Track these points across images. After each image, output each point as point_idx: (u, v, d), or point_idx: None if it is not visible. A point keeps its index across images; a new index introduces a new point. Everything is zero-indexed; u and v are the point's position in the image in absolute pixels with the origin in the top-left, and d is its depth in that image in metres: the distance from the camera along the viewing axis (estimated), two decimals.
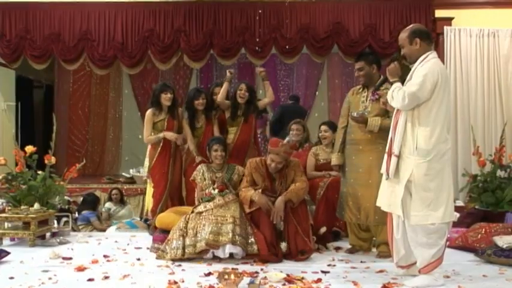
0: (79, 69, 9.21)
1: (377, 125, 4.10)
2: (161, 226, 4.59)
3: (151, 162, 5.13)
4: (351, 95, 4.45)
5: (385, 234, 4.16)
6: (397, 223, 3.49)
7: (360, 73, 4.26)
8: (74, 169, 5.63)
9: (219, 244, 4.03)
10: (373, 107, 4.18)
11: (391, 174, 3.40)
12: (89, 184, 7.74)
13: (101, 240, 5.03)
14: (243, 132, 5.21)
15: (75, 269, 3.85)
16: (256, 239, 4.10)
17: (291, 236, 4.18)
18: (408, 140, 3.35)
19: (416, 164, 3.31)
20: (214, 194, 4.40)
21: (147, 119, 5.10)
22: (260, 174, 4.43)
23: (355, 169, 4.27)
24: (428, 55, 3.43)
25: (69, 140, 10.41)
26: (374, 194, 4.03)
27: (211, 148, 4.58)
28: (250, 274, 3.62)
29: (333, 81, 10.52)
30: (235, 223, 4.09)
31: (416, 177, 3.30)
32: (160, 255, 4.19)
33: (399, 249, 3.53)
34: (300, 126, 5.48)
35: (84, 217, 6.25)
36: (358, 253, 4.39)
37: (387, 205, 3.53)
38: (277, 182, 4.41)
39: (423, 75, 3.31)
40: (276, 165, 4.33)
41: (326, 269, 3.83)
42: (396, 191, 3.40)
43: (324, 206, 4.84)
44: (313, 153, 5.22)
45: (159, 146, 5.10)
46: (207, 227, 4.09)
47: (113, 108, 10.73)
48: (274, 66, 10.57)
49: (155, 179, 5.15)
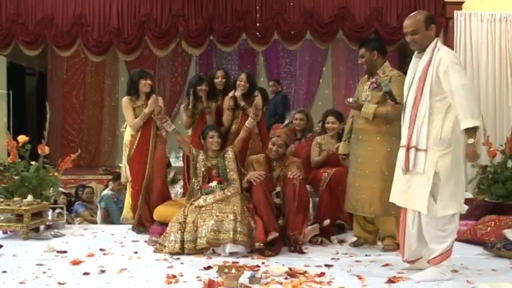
0: (73, 55, 9.20)
1: (370, 112, 4.08)
2: (159, 219, 4.61)
3: (131, 151, 5.01)
4: (358, 84, 4.49)
5: (388, 226, 4.19)
6: (413, 217, 3.48)
7: (361, 60, 4.26)
8: (69, 159, 5.63)
9: (220, 242, 4.05)
10: (373, 95, 4.17)
11: (412, 168, 3.37)
12: (84, 175, 7.76)
13: (96, 233, 5.05)
14: (244, 123, 5.17)
15: (70, 263, 3.86)
16: (258, 232, 4.12)
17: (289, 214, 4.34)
18: (433, 132, 3.33)
19: (441, 155, 3.30)
20: (213, 186, 4.43)
21: (126, 106, 4.96)
22: (261, 165, 4.63)
23: (355, 159, 4.31)
24: (437, 42, 3.42)
25: (64, 130, 10.42)
26: (371, 185, 4.11)
27: (207, 135, 4.62)
28: (251, 268, 3.63)
29: (338, 68, 10.49)
30: (236, 219, 4.10)
31: (443, 168, 3.30)
32: (158, 249, 4.21)
33: (411, 243, 3.53)
34: (303, 115, 5.47)
35: (74, 209, 6.28)
36: (362, 246, 4.40)
37: (404, 201, 3.49)
38: (277, 171, 4.58)
39: (458, 64, 3.31)
40: (277, 148, 4.50)
41: (330, 263, 3.84)
42: (416, 186, 3.38)
43: (327, 198, 4.85)
44: (317, 142, 5.21)
45: (138, 134, 4.95)
46: (208, 224, 4.10)
47: (108, 97, 10.73)
48: (276, 52, 10.55)
49: (134, 170, 5.00)
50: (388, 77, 4.11)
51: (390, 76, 4.12)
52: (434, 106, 3.33)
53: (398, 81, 4.04)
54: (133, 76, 5.04)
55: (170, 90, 10.59)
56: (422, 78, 3.36)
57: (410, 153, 3.38)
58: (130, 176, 5.11)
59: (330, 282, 3.37)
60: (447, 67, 3.28)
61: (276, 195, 4.53)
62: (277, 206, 4.46)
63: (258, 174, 4.49)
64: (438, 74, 3.31)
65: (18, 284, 3.34)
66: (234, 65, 10.66)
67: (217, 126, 4.85)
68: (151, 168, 4.93)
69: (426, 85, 3.33)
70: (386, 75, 4.14)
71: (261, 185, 4.41)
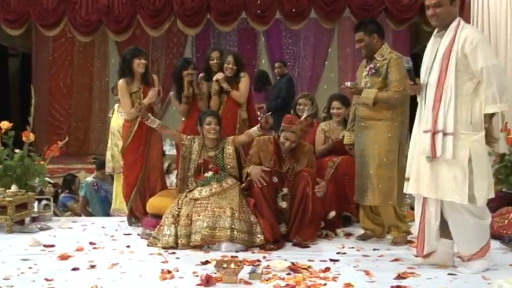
0: (59, 35, 9.18)
1: (371, 97, 4.09)
2: (153, 211, 4.61)
3: (126, 141, 4.96)
4: (358, 69, 4.49)
5: (390, 216, 4.22)
6: (436, 210, 3.47)
7: (360, 45, 4.25)
8: (56, 147, 5.63)
9: (215, 240, 4.05)
10: (373, 81, 4.18)
11: (440, 154, 3.33)
12: (73, 164, 7.77)
13: (86, 226, 5.06)
14: (228, 108, 5.12)
15: (58, 258, 3.88)
16: (262, 227, 4.12)
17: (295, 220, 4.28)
18: (461, 115, 3.31)
19: (473, 140, 3.30)
20: (208, 176, 4.36)
21: (122, 91, 4.87)
22: (268, 153, 4.48)
23: (359, 147, 4.35)
24: (460, 20, 3.40)
25: (50, 115, 10.42)
26: (372, 173, 4.15)
27: (204, 121, 4.51)
28: (252, 262, 3.65)
29: (344, 49, 10.47)
30: (234, 216, 4.08)
31: (476, 153, 3.29)
32: (152, 242, 4.22)
33: (431, 237, 3.53)
34: (308, 100, 5.45)
35: (60, 202, 6.29)
36: (370, 240, 4.42)
37: (431, 191, 3.44)
38: (286, 164, 4.45)
39: (486, 43, 3.31)
40: (290, 144, 4.39)
41: (335, 257, 3.86)
42: (447, 174, 3.35)
43: (333, 188, 4.85)
44: (322, 129, 5.21)
45: (135, 122, 4.88)
46: (203, 219, 4.09)
47: (98, 80, 10.72)
48: (278, 32, 10.51)
49: (129, 161, 4.97)
50: (387, 61, 4.12)
51: (389, 59, 4.12)
52: (463, 87, 3.32)
53: (397, 65, 4.06)
54: (126, 55, 4.99)
55: (165, 73, 10.55)
56: (446, 58, 3.34)
57: (437, 138, 3.34)
58: (123, 166, 5.10)
59: (336, 277, 3.38)
60: (475, 45, 3.27)
61: (282, 198, 4.36)
62: (281, 211, 4.34)
63: (262, 176, 4.28)
64: (464, 53, 3.29)
65: (3, 280, 3.34)
66: (233, 46, 10.64)
67: (216, 112, 4.81)
68: (148, 159, 4.93)
69: (451, 65, 3.31)
70: (384, 58, 4.14)
71: (262, 191, 4.26)
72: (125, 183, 5.02)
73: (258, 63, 10.80)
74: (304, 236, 4.26)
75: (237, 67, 4.99)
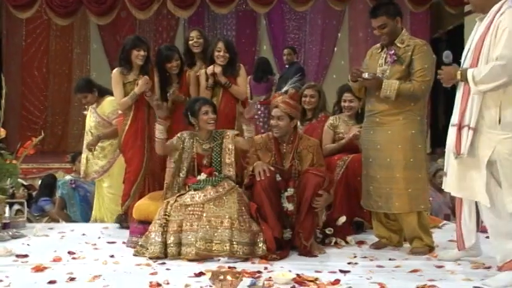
0: (34, 17, 9.18)
1: (393, 89, 4.06)
2: (140, 217, 4.60)
3: (122, 135, 5.07)
4: (368, 57, 4.46)
5: (413, 225, 4.21)
6: (470, 208, 3.70)
7: (382, 31, 4.22)
8: (30, 144, 5.62)
9: (212, 254, 4.01)
10: (393, 69, 4.15)
11: (465, 150, 3.43)
12: (49, 163, 7.77)
13: (64, 233, 5.06)
14: (226, 103, 5.12)
15: (33, 269, 3.86)
16: (265, 236, 4.10)
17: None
18: (488, 112, 3.38)
19: (500, 140, 3.35)
20: (201, 179, 4.32)
21: (115, 80, 5.03)
22: (268, 150, 4.49)
23: (372, 146, 4.30)
24: (504, 3, 3.40)
25: (23, 108, 10.43)
26: (393, 176, 4.14)
27: (199, 111, 4.41)
28: (252, 274, 3.64)
29: (356, 34, 10.48)
30: (233, 226, 4.04)
31: (502, 156, 3.34)
32: (139, 251, 4.21)
33: (469, 235, 3.81)
34: (314, 91, 5.46)
35: (38, 206, 6.28)
36: (385, 248, 4.41)
37: (461, 190, 3.60)
38: (288, 160, 4.45)
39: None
40: (276, 121, 4.38)
41: (346, 268, 3.85)
42: (473, 174, 3.47)
43: (343, 190, 4.86)
44: (331, 124, 5.21)
45: (130, 113, 5.03)
46: (197, 230, 4.05)
47: (78, 68, 10.74)
48: (281, 15, 10.53)
49: (128, 156, 5.10)
50: (411, 47, 4.10)
51: (413, 46, 4.11)
52: None
53: (423, 52, 4.07)
54: (125, 44, 5.07)
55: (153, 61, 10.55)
56: (478, 47, 3.39)
57: (462, 133, 3.44)
58: (125, 162, 5.18)
59: None
60: (503, 32, 3.29)
61: (287, 199, 4.34)
62: (287, 214, 4.33)
63: (265, 169, 4.25)
64: (496, 42, 3.33)
65: None
66: (231, 30, 10.66)
67: (210, 100, 4.77)
68: (150, 151, 5.02)
69: (482, 54, 3.37)
70: (407, 44, 4.13)
71: (264, 189, 4.23)
72: (125, 179, 5.14)
73: (259, 50, 10.81)
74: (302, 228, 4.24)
75: (229, 55, 4.98)
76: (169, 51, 5.17)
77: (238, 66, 5.11)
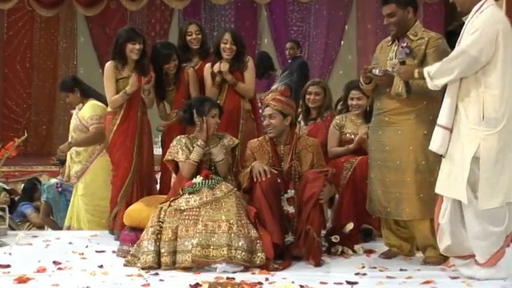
0: (16, 8, 9.18)
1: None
2: (131, 224, 4.61)
3: (109, 135, 5.04)
4: (378, 51, 4.47)
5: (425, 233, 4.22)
6: (445, 207, 3.76)
7: (390, 20, 4.23)
8: (12, 146, 5.63)
9: (210, 261, 4.02)
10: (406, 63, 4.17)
11: (435, 148, 3.77)
12: (33, 166, 7.77)
13: (49, 242, 5.06)
14: (230, 100, 5.15)
15: (15, 281, 3.86)
16: (263, 243, 4.11)
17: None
18: (472, 108, 3.59)
19: (484, 137, 3.56)
20: (197, 182, 4.32)
21: (108, 75, 4.99)
22: (264, 153, 4.51)
23: (380, 147, 4.31)
24: (485, 3, 3.59)
25: (5, 106, 10.44)
26: (404, 179, 4.15)
27: (208, 112, 4.45)
28: (252, 286, 3.65)
29: (364, 26, 10.49)
30: (232, 230, 4.05)
31: (484, 152, 3.55)
32: (130, 261, 4.22)
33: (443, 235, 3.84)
34: (319, 88, 5.46)
35: (18, 212, 6.28)
36: (396, 258, 4.42)
37: (445, 188, 3.76)
38: (286, 161, 4.48)
39: (482, 32, 3.52)
40: (268, 120, 4.42)
41: (353, 279, 3.86)
42: (456, 171, 3.65)
43: (350, 195, 4.86)
44: (336, 124, 5.21)
45: (120, 111, 5.00)
46: (193, 235, 4.06)
47: (64, 63, 10.73)
48: (284, 6, 10.54)
49: (115, 158, 5.07)
50: (424, 40, 4.12)
51: (427, 39, 4.13)
52: (477, 79, 3.60)
53: (438, 47, 4.09)
54: (118, 37, 5.04)
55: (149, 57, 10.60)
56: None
57: (442, 132, 3.73)
58: (112, 165, 5.16)
59: None
60: (475, 30, 3.54)
61: (288, 201, 4.39)
62: (288, 218, 4.37)
63: (265, 168, 4.31)
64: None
65: None
66: (229, 22, 10.65)
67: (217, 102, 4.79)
68: (139, 154, 5.02)
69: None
70: (420, 37, 4.14)
71: (264, 191, 4.26)
72: (112, 184, 5.13)
73: (259, 44, 10.82)
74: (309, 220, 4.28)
75: (236, 47, 4.99)
76: (167, 50, 5.16)
77: (247, 58, 5.12)
